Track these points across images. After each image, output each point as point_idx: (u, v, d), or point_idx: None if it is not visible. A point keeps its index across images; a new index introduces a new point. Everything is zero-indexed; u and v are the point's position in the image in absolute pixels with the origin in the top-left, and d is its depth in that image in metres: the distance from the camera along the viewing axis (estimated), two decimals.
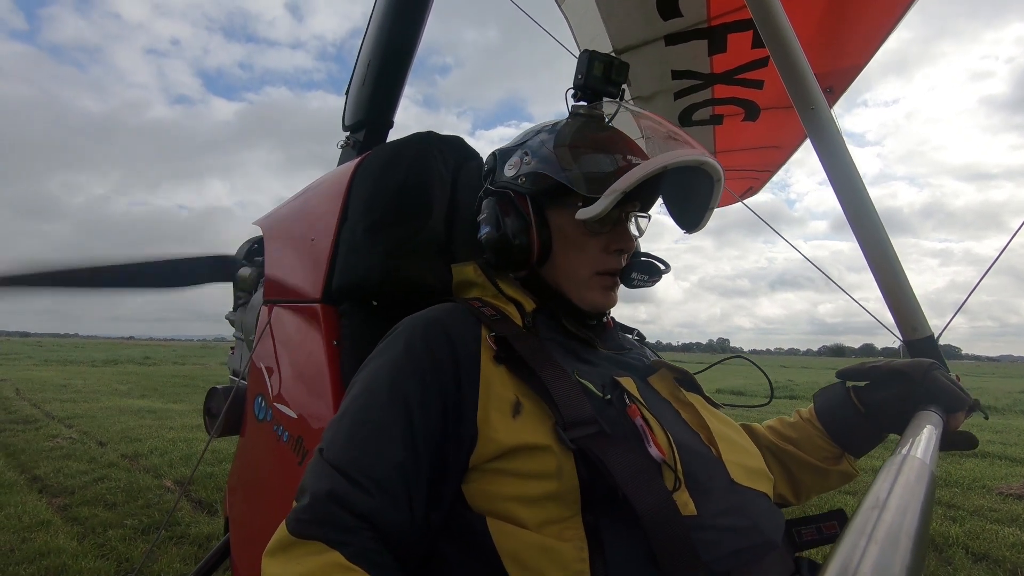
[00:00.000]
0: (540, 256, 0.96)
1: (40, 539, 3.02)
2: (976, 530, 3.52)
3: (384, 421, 0.78)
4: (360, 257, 1.20)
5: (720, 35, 1.97)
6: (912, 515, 0.46)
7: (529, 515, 0.73)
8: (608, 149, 0.93)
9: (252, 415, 1.50)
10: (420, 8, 1.60)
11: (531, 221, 0.94)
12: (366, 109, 1.66)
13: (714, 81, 2.28)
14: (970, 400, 0.95)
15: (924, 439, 0.72)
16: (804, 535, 1.01)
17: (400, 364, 0.83)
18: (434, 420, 0.79)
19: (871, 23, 1.90)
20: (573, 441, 0.73)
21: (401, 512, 0.73)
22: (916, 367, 0.97)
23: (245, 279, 1.89)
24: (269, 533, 1.35)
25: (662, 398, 0.90)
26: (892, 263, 1.11)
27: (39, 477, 4.37)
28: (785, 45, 1.09)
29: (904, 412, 0.93)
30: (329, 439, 0.79)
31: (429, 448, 0.78)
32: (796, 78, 1.10)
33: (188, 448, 5.46)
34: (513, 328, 0.88)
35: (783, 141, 2.82)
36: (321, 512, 0.71)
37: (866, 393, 1.04)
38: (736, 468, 0.82)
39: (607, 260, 0.95)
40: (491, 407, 0.79)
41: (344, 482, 0.73)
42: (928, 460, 0.62)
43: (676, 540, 0.68)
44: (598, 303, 0.97)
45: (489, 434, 0.77)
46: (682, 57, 2.12)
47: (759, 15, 1.10)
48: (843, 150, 1.10)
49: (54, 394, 10.01)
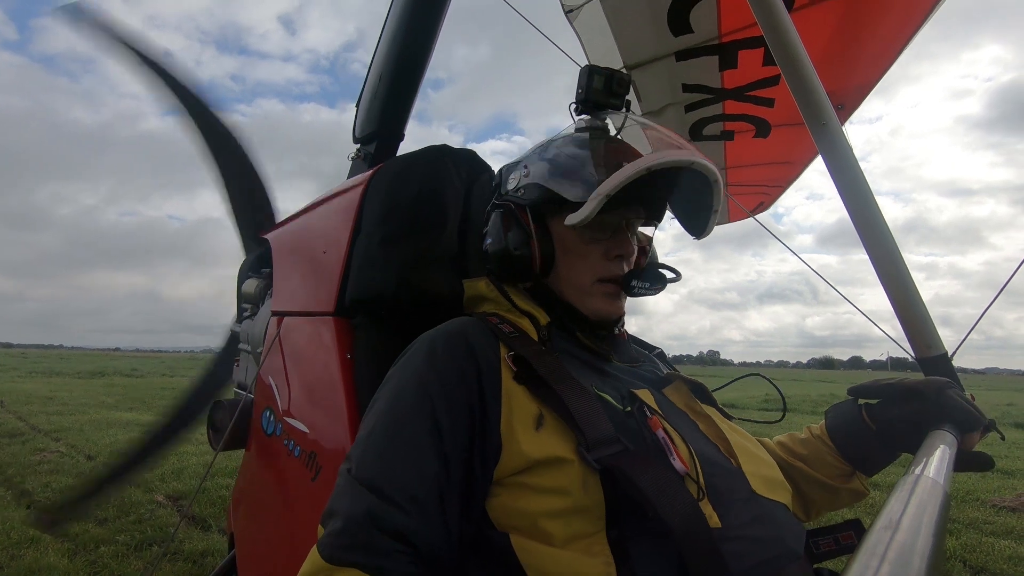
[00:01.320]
0: (543, 266, 0.97)
1: (30, 556, 2.95)
2: (972, 543, 3.55)
3: (414, 435, 0.78)
4: (375, 270, 1.20)
5: (731, 51, 2.00)
6: (925, 536, 0.46)
7: (556, 530, 0.73)
8: (604, 157, 0.94)
9: (260, 429, 1.49)
10: (432, 22, 1.61)
11: (531, 231, 0.97)
12: (377, 122, 1.67)
13: (725, 96, 2.31)
14: (985, 420, 0.95)
15: (938, 459, 0.72)
16: (822, 545, 1.01)
17: (425, 377, 0.83)
18: (462, 432, 0.79)
19: (883, 41, 1.93)
20: (598, 461, 0.73)
21: (437, 528, 0.73)
22: (930, 385, 0.97)
23: (251, 291, 1.87)
24: (278, 550, 1.33)
25: (679, 409, 0.91)
26: (905, 279, 1.12)
27: (26, 492, 4.28)
28: (796, 62, 1.11)
29: (917, 431, 0.92)
30: (358, 457, 0.78)
31: (459, 460, 0.78)
32: (807, 94, 1.12)
33: (179, 462, 5.37)
34: (531, 346, 0.88)
35: (794, 157, 2.86)
36: (359, 536, 0.70)
37: (878, 411, 1.03)
38: (756, 479, 0.83)
39: (608, 267, 0.96)
40: (514, 419, 0.80)
41: (379, 501, 0.72)
42: (942, 480, 0.62)
43: (706, 552, 0.68)
44: (601, 310, 0.97)
45: (513, 447, 0.78)
46: (693, 72, 2.16)
47: (770, 33, 1.12)
48: (855, 166, 1.12)
49: (40, 407, 9.83)
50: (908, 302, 1.14)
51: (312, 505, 1.20)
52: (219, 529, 3.43)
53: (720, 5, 1.79)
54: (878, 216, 1.12)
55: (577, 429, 0.76)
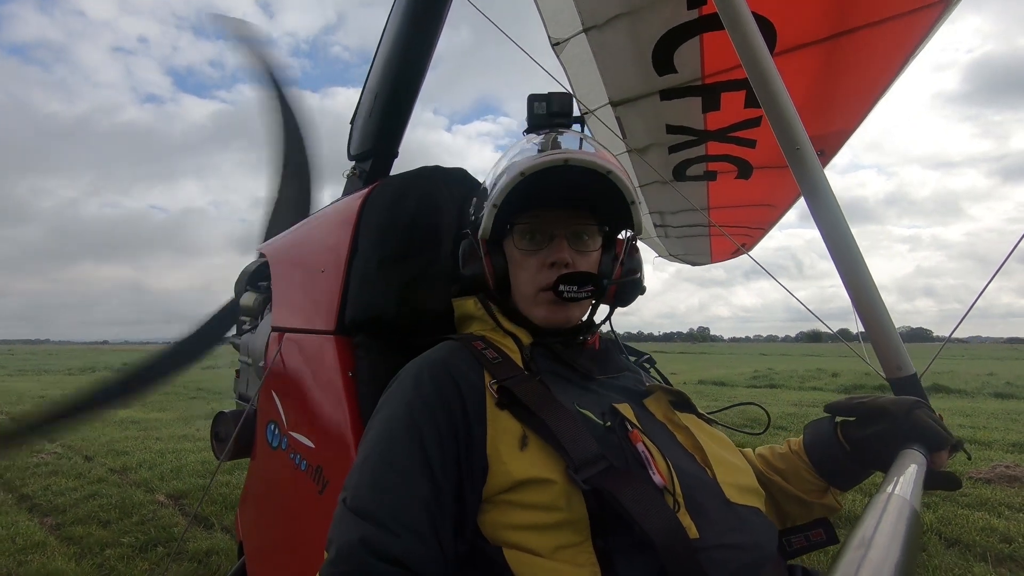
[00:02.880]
0: (499, 284, 1.06)
1: (37, 561, 3.00)
2: (948, 516, 3.67)
3: (405, 463, 0.82)
4: (374, 291, 1.25)
5: (714, 93, 2.04)
6: (896, 554, 0.48)
7: (541, 543, 0.78)
8: (511, 172, 0.98)
9: (264, 441, 1.54)
10: (427, 42, 1.63)
11: (481, 253, 1.06)
12: (373, 140, 1.69)
13: (708, 138, 2.35)
14: (952, 439, 0.96)
15: (907, 478, 0.74)
16: (794, 543, 1.08)
17: (413, 406, 0.88)
18: (450, 457, 0.84)
19: (861, 90, 1.98)
20: (586, 482, 0.77)
21: (431, 549, 0.78)
22: (899, 405, 0.99)
23: (250, 305, 1.91)
24: (288, 559, 1.40)
25: (658, 421, 0.95)
26: (877, 305, 1.18)
27: (27, 496, 4.31)
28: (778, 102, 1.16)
29: (888, 450, 0.94)
30: (352, 487, 0.83)
31: (449, 484, 0.82)
32: (789, 134, 1.18)
33: (177, 460, 5.42)
34: (514, 371, 0.93)
35: (776, 200, 2.92)
36: (354, 563, 0.74)
37: (852, 429, 1.05)
38: (729, 488, 0.87)
39: (547, 275, 1.00)
40: (499, 441, 0.85)
41: (372, 528, 0.76)
42: (911, 498, 0.63)
43: (686, 563, 0.73)
44: (545, 318, 1.02)
45: (499, 467, 0.83)
46: (677, 112, 2.19)
47: (754, 73, 1.17)
48: (834, 205, 1.18)
49: (33, 406, 9.79)
50: (880, 327, 1.19)
51: (321, 517, 1.26)
52: (222, 528, 3.50)
53: (704, 47, 1.82)
54: (854, 249, 1.19)
55: (563, 451, 0.80)
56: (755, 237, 3.44)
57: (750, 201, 2.91)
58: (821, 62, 1.84)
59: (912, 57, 1.69)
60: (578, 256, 1.02)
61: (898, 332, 1.18)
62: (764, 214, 3.11)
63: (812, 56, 1.81)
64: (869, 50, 1.72)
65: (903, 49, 1.69)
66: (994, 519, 3.66)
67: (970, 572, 2.92)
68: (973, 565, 3.00)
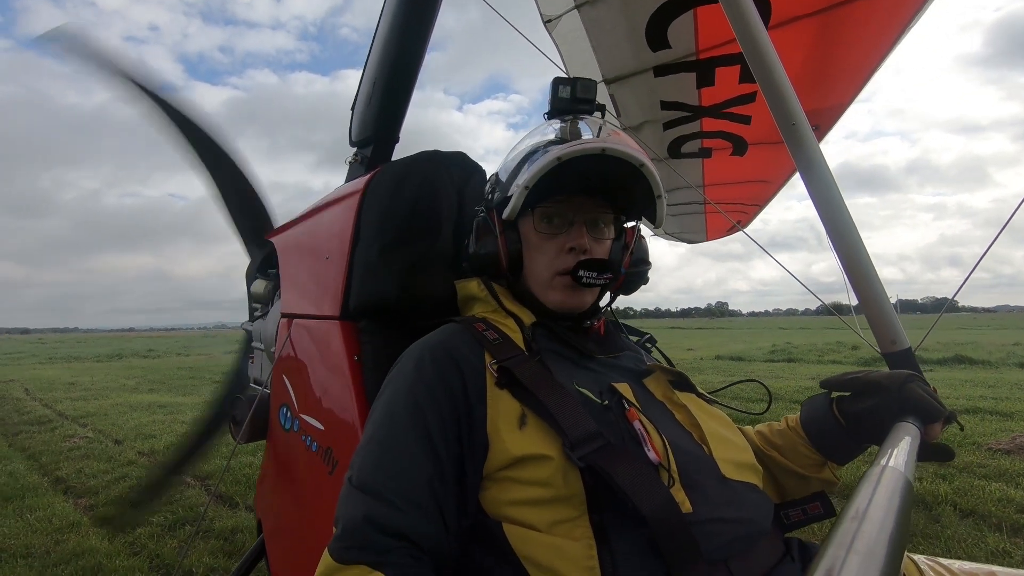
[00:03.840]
0: (512, 264, 1.07)
1: (73, 540, 3.14)
2: (964, 487, 3.65)
3: (407, 442, 0.85)
4: (376, 278, 1.28)
5: (708, 68, 2.00)
6: (890, 525, 0.49)
7: (538, 518, 0.81)
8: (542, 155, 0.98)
9: (278, 424, 1.59)
10: (424, 27, 1.63)
11: (496, 232, 1.07)
12: (373, 126, 1.70)
13: (702, 114, 2.31)
14: (946, 411, 0.98)
15: (901, 450, 0.75)
16: (791, 516, 1.10)
17: (415, 388, 0.90)
18: (452, 435, 0.86)
19: (856, 63, 1.94)
20: (582, 459, 0.79)
21: (434, 523, 0.81)
22: (893, 379, 1.00)
23: (260, 292, 1.96)
24: (304, 536, 1.46)
25: (656, 400, 0.97)
26: (871, 279, 1.18)
27: (62, 479, 4.49)
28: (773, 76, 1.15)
29: (883, 423, 0.95)
30: (358, 466, 0.86)
31: (452, 461, 0.85)
32: (784, 108, 1.16)
33: None
34: (514, 351, 0.95)
35: (771, 176, 2.87)
36: (358, 537, 0.78)
37: (847, 404, 1.06)
38: (725, 464, 0.89)
39: (564, 260, 1.01)
40: (499, 419, 0.87)
41: (376, 504, 0.79)
42: (905, 470, 0.64)
43: (679, 535, 0.75)
44: (560, 302, 1.03)
45: (498, 445, 0.85)
46: (671, 88, 2.16)
47: (748, 46, 1.15)
48: (829, 180, 1.17)
49: (63, 393, 10.11)
50: (874, 301, 1.19)
51: (332, 496, 1.30)
52: (245, 506, 3.62)
53: (697, 21, 1.80)
54: (849, 223, 1.18)
55: (560, 430, 0.83)
56: (750, 214, 3.41)
57: (745, 177, 2.88)
58: (816, 35, 1.81)
59: (909, 28, 1.65)
60: (594, 243, 1.03)
61: (892, 305, 1.18)
62: (759, 190, 3.08)
63: (807, 28, 1.78)
64: (864, 21, 1.68)
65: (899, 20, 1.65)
66: (1012, 490, 3.63)
67: (983, 542, 2.91)
68: (987, 535, 2.99)
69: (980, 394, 7.61)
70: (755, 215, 3.39)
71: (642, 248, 1.15)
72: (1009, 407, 6.52)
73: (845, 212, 1.17)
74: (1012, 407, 6.52)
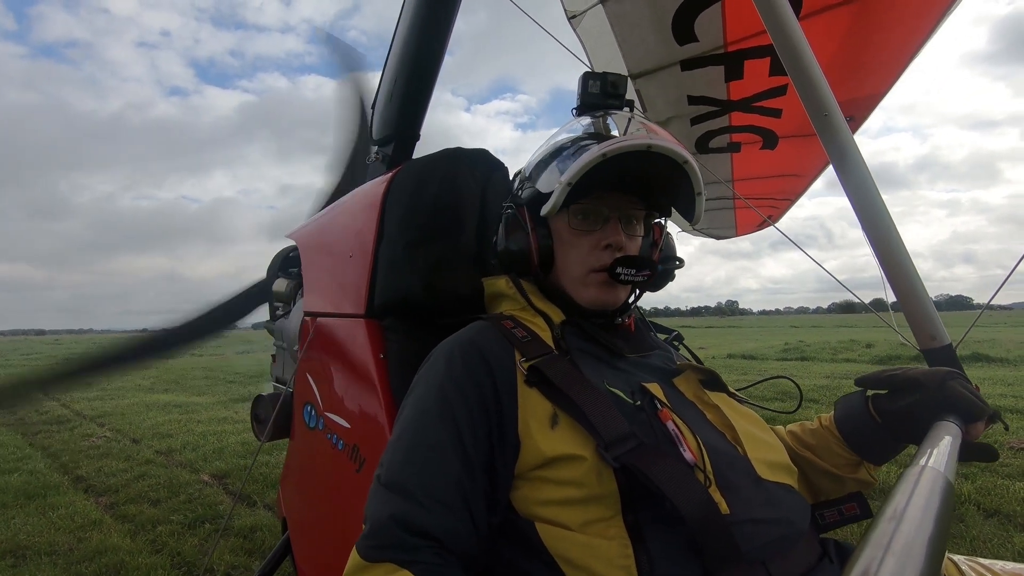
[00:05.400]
0: (543, 260, 1.05)
1: (95, 538, 3.17)
2: (988, 486, 3.61)
3: (437, 441, 0.85)
4: (401, 275, 1.28)
5: (737, 61, 1.97)
6: (928, 526, 0.47)
7: (571, 517, 0.80)
8: (579, 150, 0.97)
9: (302, 422, 1.60)
10: (444, 25, 1.63)
11: (527, 228, 1.05)
12: (394, 124, 1.70)
13: (731, 108, 2.28)
14: (989, 410, 0.94)
15: (941, 450, 0.72)
16: (827, 517, 1.07)
17: (444, 387, 0.90)
18: (482, 435, 0.86)
19: (891, 52, 1.89)
20: (616, 459, 0.78)
21: (462, 522, 0.80)
22: (932, 376, 0.96)
23: (282, 291, 1.97)
24: (330, 534, 1.46)
25: (687, 400, 0.96)
26: (910, 274, 1.15)
27: (82, 477, 4.54)
28: (806, 69, 1.12)
29: (922, 422, 0.91)
30: (386, 464, 0.86)
31: (481, 461, 0.85)
32: (817, 102, 1.14)
33: (219, 442, 5.62)
34: (544, 349, 0.94)
35: (802, 169, 2.81)
36: (385, 536, 0.78)
37: (884, 402, 1.02)
38: (760, 464, 0.87)
39: (600, 256, 1.00)
40: (530, 419, 0.86)
41: (404, 502, 0.79)
42: (945, 471, 0.62)
43: (719, 535, 0.74)
44: (595, 300, 1.02)
45: (530, 444, 0.84)
46: (698, 83, 2.13)
47: (779, 38, 1.13)
48: (865, 173, 1.15)
49: (80, 393, 10.19)
50: (913, 296, 1.16)
51: (359, 494, 1.30)
52: (264, 505, 3.64)
53: (725, 13, 1.77)
54: (886, 217, 1.15)
55: (593, 431, 0.82)
56: (781, 208, 3.34)
57: (776, 172, 2.83)
58: (850, 23, 1.77)
59: (948, 13, 1.60)
60: (627, 239, 1.02)
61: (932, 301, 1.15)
62: (790, 184, 3.02)
63: (840, 17, 1.74)
64: (900, 8, 1.64)
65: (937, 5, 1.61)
66: None
67: (1009, 542, 2.87)
68: (1013, 535, 2.95)
69: (1000, 392, 7.50)
70: (786, 210, 3.31)
71: (670, 244, 1.14)
72: None
73: (882, 206, 1.14)
74: None
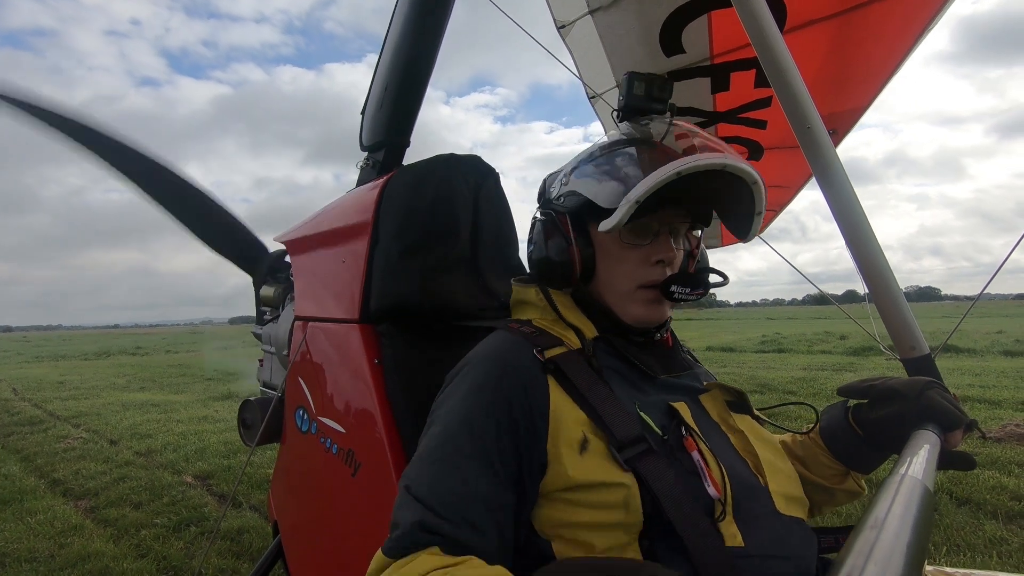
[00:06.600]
0: (584, 272, 0.99)
1: (77, 543, 3.12)
2: (958, 475, 3.71)
3: (465, 459, 0.82)
4: (397, 280, 1.28)
5: (723, 73, 2.00)
6: (909, 534, 0.49)
7: (598, 540, 0.80)
8: (638, 163, 0.93)
9: (294, 426, 1.59)
10: (435, 32, 1.62)
11: (571, 238, 0.99)
12: (384, 131, 1.69)
13: (717, 119, 2.31)
14: (966, 419, 0.95)
15: (920, 459, 0.74)
16: (824, 543, 1.02)
17: (472, 402, 0.87)
18: (510, 453, 0.84)
19: (873, 67, 1.93)
20: (627, 462, 0.80)
21: (489, 541, 0.79)
22: (911, 386, 0.97)
23: (270, 296, 1.96)
24: (324, 537, 1.47)
25: (712, 420, 0.94)
26: (890, 285, 1.18)
27: (59, 480, 4.45)
28: (789, 81, 1.15)
29: (901, 431, 0.92)
30: (415, 477, 0.83)
31: (509, 479, 0.83)
32: (800, 113, 1.17)
33: (200, 442, 5.55)
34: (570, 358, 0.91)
35: (788, 181, 2.87)
36: (414, 538, 0.77)
37: (864, 412, 1.03)
38: (779, 497, 0.87)
39: (649, 272, 0.96)
40: (560, 441, 0.84)
41: (432, 516, 0.78)
42: (924, 479, 0.64)
43: (721, 570, 0.74)
44: (642, 317, 0.98)
45: (558, 467, 0.83)
46: (685, 94, 2.16)
47: (763, 51, 1.16)
48: (846, 184, 1.18)
49: (53, 392, 9.99)
50: (893, 306, 1.20)
51: (354, 498, 1.31)
52: (250, 507, 3.62)
53: (712, 26, 1.79)
54: (867, 229, 1.18)
55: (606, 428, 0.82)
56: (767, 219, 3.40)
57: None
58: (832, 38, 1.80)
59: (928, 30, 1.65)
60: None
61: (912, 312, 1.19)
62: (776, 195, 3.08)
63: (823, 32, 1.78)
64: (881, 24, 1.68)
65: (917, 22, 1.65)
66: (1004, 477, 3.72)
67: (980, 530, 2.98)
68: (984, 523, 3.06)
69: (968, 382, 7.74)
70: (772, 220, 3.39)
71: (704, 257, 1.11)
72: (997, 395, 6.64)
73: (862, 218, 1.17)
74: (1000, 395, 6.64)
